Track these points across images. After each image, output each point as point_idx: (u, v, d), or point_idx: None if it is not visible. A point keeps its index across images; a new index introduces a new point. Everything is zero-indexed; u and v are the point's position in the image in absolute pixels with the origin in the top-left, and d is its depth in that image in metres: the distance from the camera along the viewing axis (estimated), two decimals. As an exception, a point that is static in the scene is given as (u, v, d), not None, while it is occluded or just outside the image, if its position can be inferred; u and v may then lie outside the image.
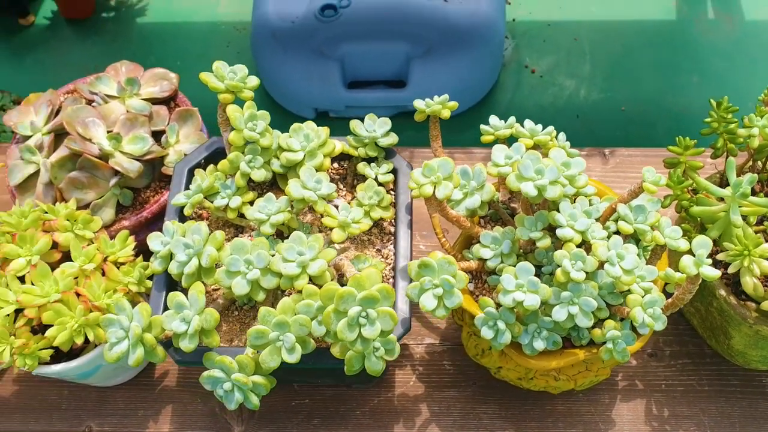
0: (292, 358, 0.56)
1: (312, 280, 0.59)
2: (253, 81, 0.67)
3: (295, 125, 0.67)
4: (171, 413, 0.74)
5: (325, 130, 0.67)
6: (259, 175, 0.66)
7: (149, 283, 0.66)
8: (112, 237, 0.69)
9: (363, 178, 0.71)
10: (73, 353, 0.66)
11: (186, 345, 0.56)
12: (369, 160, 0.70)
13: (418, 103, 0.67)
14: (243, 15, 1.81)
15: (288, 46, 1.55)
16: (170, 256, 0.62)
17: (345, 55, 1.55)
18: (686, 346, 0.76)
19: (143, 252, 0.68)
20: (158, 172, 0.74)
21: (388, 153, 0.70)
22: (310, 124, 0.67)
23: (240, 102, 0.67)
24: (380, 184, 0.69)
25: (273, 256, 0.60)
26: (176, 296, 0.58)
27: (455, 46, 1.54)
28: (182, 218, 0.67)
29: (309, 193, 0.63)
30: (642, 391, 0.74)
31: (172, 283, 0.65)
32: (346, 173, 0.71)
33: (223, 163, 0.66)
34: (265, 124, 0.66)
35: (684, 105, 1.64)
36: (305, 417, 0.73)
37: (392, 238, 0.68)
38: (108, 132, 0.72)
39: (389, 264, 0.66)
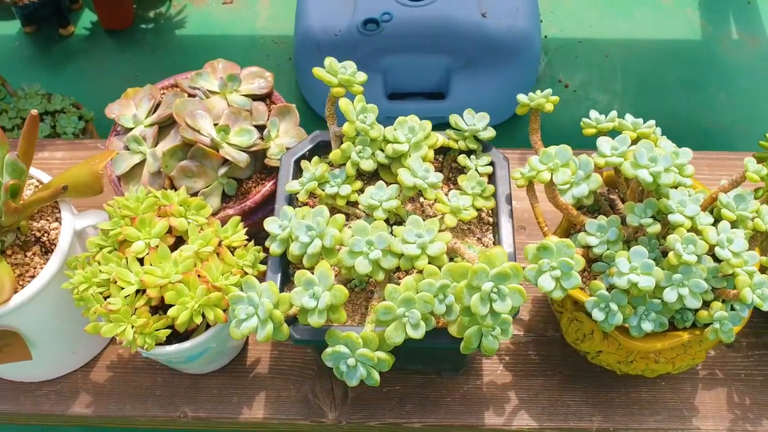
0: (417, 334, 0.58)
1: (431, 260, 0.61)
2: (362, 76, 0.70)
3: (400, 118, 0.70)
4: (264, 399, 0.76)
5: (427, 124, 0.70)
6: (368, 165, 0.68)
7: (262, 267, 0.68)
8: (222, 224, 0.71)
9: (458, 171, 0.74)
10: (183, 336, 0.68)
11: (315, 320, 0.59)
12: (467, 153, 0.73)
13: (521, 97, 0.70)
14: (282, 29, 1.85)
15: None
16: (288, 239, 0.64)
17: (387, 68, 1.59)
18: (761, 337, 0.79)
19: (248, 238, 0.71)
20: (259, 164, 0.76)
21: (485, 146, 0.73)
22: (413, 118, 0.70)
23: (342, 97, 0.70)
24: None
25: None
26: (304, 274, 0.60)
27: (494, 60, 1.58)
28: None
29: (419, 181, 0.66)
30: (722, 380, 0.77)
31: (285, 266, 0.67)
32: (442, 166, 0.74)
33: (335, 153, 0.69)
34: (374, 116, 0.69)
35: (712, 120, 1.68)
36: (397, 403, 0.75)
37: (490, 227, 0.71)
38: (214, 125, 0.74)
39: (491, 251, 0.69)
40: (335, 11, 1.64)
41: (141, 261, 0.66)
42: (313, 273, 0.61)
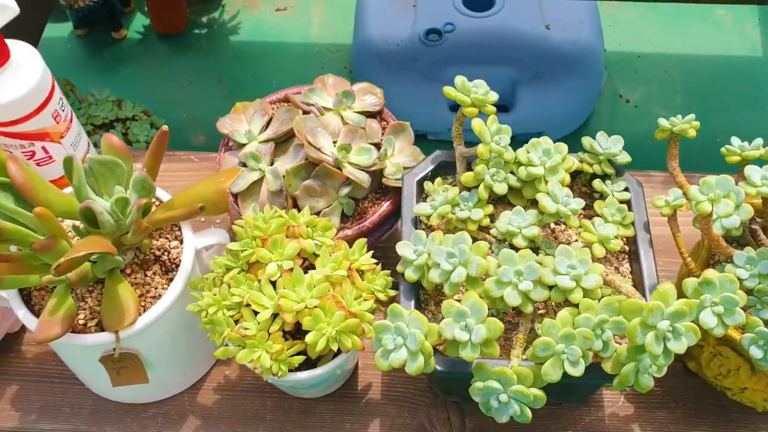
0: (577, 371, 0.56)
1: (585, 294, 0.59)
2: (494, 96, 0.68)
3: (534, 140, 0.68)
4: (379, 427, 0.74)
5: (563, 146, 0.68)
6: (501, 188, 0.66)
7: (391, 292, 0.66)
8: (348, 245, 0.69)
9: (586, 196, 0.72)
10: (310, 362, 0.66)
11: (468, 354, 0.56)
12: (601, 177, 0.71)
13: (662, 121, 0.68)
14: (336, 37, 1.83)
15: (393, 68, 1.56)
16: (425, 266, 0.62)
17: (450, 79, 1.56)
18: None
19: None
20: (375, 183, 0.74)
21: (617, 171, 0.71)
22: (547, 140, 0.68)
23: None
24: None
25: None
26: (453, 305, 0.58)
27: (558, 73, 1.56)
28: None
29: (562, 208, 0.64)
30: None
31: (417, 292, 0.65)
32: (571, 190, 0.72)
33: (467, 175, 0.67)
34: (508, 138, 0.67)
35: (775, 139, 1.66)
36: (517, 433, 0.73)
37: (626, 256, 0.68)
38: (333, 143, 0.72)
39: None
40: (395, 21, 1.62)
41: (272, 284, 0.64)
42: (460, 303, 0.58)
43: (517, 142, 0.70)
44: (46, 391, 0.76)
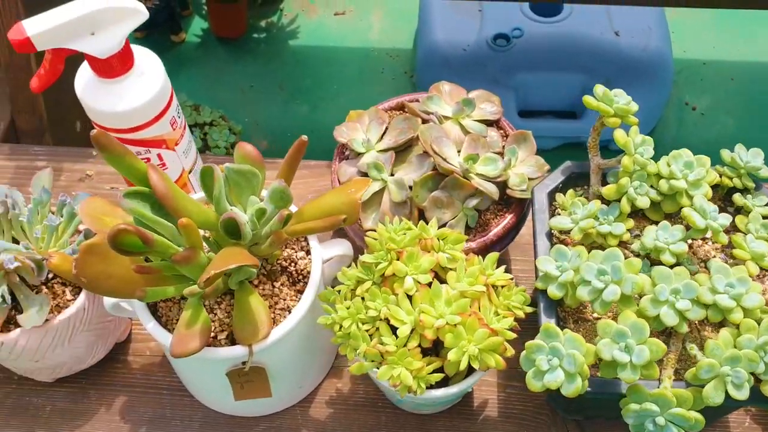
0: (742, 394, 0.54)
1: (746, 313, 0.56)
2: (635, 107, 0.66)
3: (674, 152, 0.66)
4: (498, 445, 0.72)
5: (706, 159, 0.66)
6: (644, 202, 0.64)
7: (528, 309, 0.63)
8: (480, 259, 0.67)
9: (721, 210, 0.69)
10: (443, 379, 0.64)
11: (628, 376, 0.54)
12: (740, 191, 0.68)
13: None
14: (396, 42, 1.82)
15: (461, 73, 1.54)
16: (569, 282, 0.60)
17: (518, 85, 1.54)
18: None
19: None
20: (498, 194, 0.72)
21: (757, 185, 0.69)
22: (687, 152, 0.66)
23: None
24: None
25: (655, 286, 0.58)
26: (610, 325, 0.56)
27: (629, 80, 1.53)
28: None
29: (712, 223, 0.61)
30: None
31: (556, 310, 0.63)
32: (704, 204, 0.69)
33: (609, 188, 0.65)
34: (651, 149, 0.65)
35: None
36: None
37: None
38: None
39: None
40: (461, 25, 1.60)
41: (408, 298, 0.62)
42: (617, 323, 0.56)
43: (583, 149, 0.69)
44: (155, 402, 0.75)
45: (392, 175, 0.71)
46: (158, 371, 0.77)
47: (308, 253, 0.67)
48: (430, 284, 0.62)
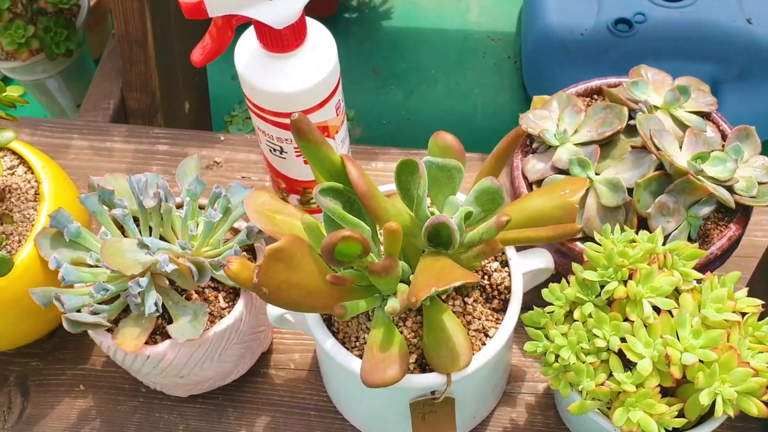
0: None
1: None
2: None
3: None
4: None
5: None
6: None
7: (781, 343, 0.53)
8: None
9: None
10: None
11: None
12: None
13: None
14: (497, 24, 1.70)
15: (579, 59, 1.42)
16: None
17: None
18: None
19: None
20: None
21: None
22: None
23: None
24: None
25: None
26: None
27: (765, 71, 1.40)
28: None
29: None
30: None
31: (823, 346, 0.52)
32: None
33: None
34: None
35: None
36: None
37: None
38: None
39: None
40: (577, 8, 1.48)
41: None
42: None
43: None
44: (302, 425, 0.66)
45: (596, 174, 0.61)
46: (305, 388, 0.68)
47: (504, 265, 0.57)
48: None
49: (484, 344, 0.54)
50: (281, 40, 0.56)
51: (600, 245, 0.54)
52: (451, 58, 1.66)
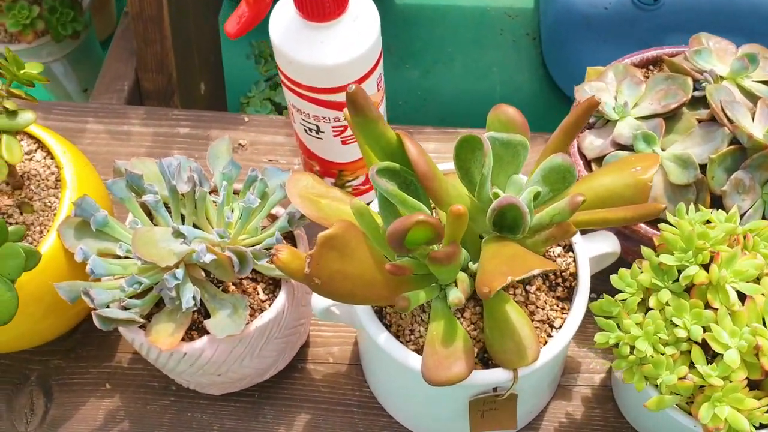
0: None
1: None
2: None
3: None
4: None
5: None
6: None
7: None
8: None
9: None
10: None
11: None
12: None
13: None
14: (515, 1, 1.65)
15: (603, 35, 1.37)
16: None
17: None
18: None
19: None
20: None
21: None
22: None
23: None
24: None
25: None
26: None
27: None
28: None
29: None
30: None
31: None
32: None
33: None
34: None
35: None
36: None
37: None
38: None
39: None
40: (598, -18, 1.43)
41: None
42: None
43: None
44: (345, 423, 0.61)
45: (662, 149, 0.57)
46: (345, 383, 0.64)
47: (567, 249, 0.53)
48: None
49: (549, 336, 0.50)
50: (322, 7, 0.51)
51: (674, 227, 0.50)
52: (467, 35, 1.61)
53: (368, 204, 0.48)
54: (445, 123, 1.49)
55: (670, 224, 0.51)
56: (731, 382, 0.45)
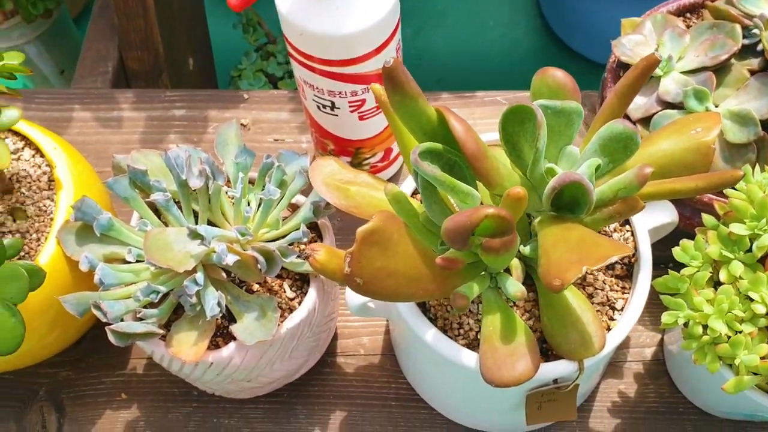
0: None
1: None
2: None
3: None
4: None
5: None
6: None
7: None
8: None
9: None
10: None
11: None
12: None
13: None
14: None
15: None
16: None
17: None
18: None
19: None
20: None
21: None
22: None
23: None
24: None
25: None
26: None
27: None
28: None
29: None
30: None
31: None
32: None
33: None
34: None
35: None
36: None
37: None
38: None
39: None
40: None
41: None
42: None
43: None
44: (384, 418, 0.58)
45: (715, 106, 0.52)
46: (380, 375, 0.59)
47: (624, 223, 0.49)
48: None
49: (611, 319, 0.46)
50: (336, -31, 0.45)
51: (740, 192, 0.46)
52: (458, -10, 1.54)
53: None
54: (444, 84, 1.43)
55: (734, 188, 0.46)
56: (820, 360, 0.41)
